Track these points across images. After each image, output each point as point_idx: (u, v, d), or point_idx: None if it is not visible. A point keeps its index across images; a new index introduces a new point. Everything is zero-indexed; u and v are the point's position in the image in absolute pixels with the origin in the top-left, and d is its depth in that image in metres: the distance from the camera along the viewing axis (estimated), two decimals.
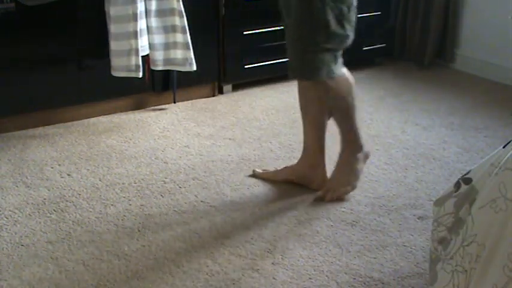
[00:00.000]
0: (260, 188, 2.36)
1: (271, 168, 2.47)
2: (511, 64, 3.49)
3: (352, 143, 2.27)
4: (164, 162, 2.55)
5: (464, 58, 3.76)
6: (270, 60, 3.41)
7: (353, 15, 2.12)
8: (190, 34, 2.89)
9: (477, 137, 2.81)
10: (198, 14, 3.08)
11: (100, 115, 3.03)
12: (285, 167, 2.41)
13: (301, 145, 2.32)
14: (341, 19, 2.07)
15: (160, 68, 2.94)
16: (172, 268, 1.88)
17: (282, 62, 3.46)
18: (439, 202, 1.54)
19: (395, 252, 1.97)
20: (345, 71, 2.22)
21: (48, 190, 2.32)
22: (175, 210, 2.19)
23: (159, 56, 2.90)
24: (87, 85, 2.93)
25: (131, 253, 1.94)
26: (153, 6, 2.80)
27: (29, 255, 1.93)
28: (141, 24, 2.77)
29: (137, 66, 2.80)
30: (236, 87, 3.42)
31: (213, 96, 3.34)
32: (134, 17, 2.71)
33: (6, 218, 2.13)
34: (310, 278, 1.84)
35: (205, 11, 3.14)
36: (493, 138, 2.79)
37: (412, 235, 2.06)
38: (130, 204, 2.22)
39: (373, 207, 2.22)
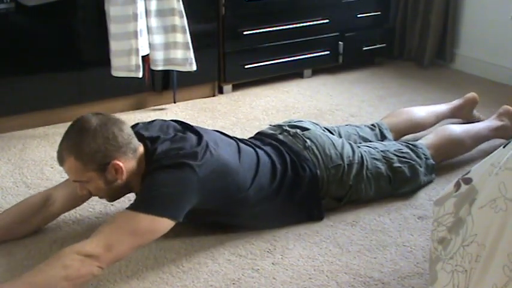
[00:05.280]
0: None
1: None
2: (511, 64, 3.49)
3: None
4: None
5: (464, 58, 3.75)
6: (270, 60, 3.41)
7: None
8: (190, 34, 2.89)
9: None
10: (198, 14, 3.08)
11: None
12: None
13: None
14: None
15: (160, 68, 2.94)
16: (172, 268, 1.88)
17: (282, 62, 3.47)
18: (439, 202, 1.54)
19: (395, 252, 1.97)
20: None
21: None
22: None
23: (159, 56, 2.90)
24: (87, 85, 2.93)
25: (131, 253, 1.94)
26: (153, 6, 2.80)
27: (29, 255, 1.93)
28: (141, 24, 2.77)
29: (137, 66, 2.80)
30: (236, 87, 3.42)
31: (213, 96, 3.34)
32: (134, 17, 2.71)
33: None
34: (310, 278, 1.84)
35: (205, 11, 3.14)
36: (493, 139, 2.79)
37: (412, 235, 2.06)
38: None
39: (373, 207, 2.22)
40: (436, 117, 2.73)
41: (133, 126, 1.98)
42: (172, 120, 2.04)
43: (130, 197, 2.25)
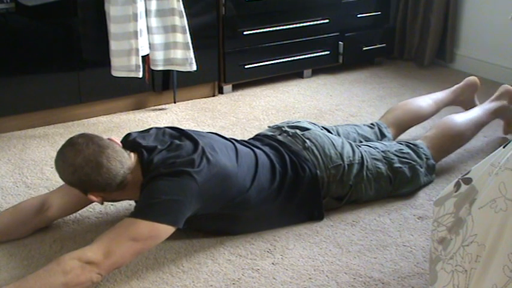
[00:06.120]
0: None
1: None
2: (511, 64, 3.49)
3: None
4: None
5: (464, 58, 3.76)
6: (270, 60, 3.41)
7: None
8: (190, 34, 2.89)
9: (477, 137, 2.80)
10: (198, 14, 3.08)
11: (100, 115, 3.03)
12: None
13: None
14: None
15: (160, 68, 2.94)
16: (172, 268, 1.88)
17: (282, 62, 3.47)
18: (439, 202, 1.54)
19: (395, 252, 1.97)
20: None
21: (48, 190, 2.31)
22: None
23: (159, 56, 2.90)
24: (87, 85, 2.93)
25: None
26: (153, 6, 2.81)
27: (29, 255, 1.93)
28: (141, 24, 2.77)
29: (137, 66, 2.80)
30: (236, 87, 3.42)
31: (213, 96, 3.34)
32: (134, 17, 2.71)
33: None
34: (310, 278, 1.84)
35: (205, 11, 3.14)
36: (493, 138, 2.79)
37: (412, 235, 2.06)
38: (130, 204, 2.22)
39: (373, 207, 2.22)
40: (436, 104, 2.69)
41: (127, 136, 1.98)
42: (167, 127, 2.04)
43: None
